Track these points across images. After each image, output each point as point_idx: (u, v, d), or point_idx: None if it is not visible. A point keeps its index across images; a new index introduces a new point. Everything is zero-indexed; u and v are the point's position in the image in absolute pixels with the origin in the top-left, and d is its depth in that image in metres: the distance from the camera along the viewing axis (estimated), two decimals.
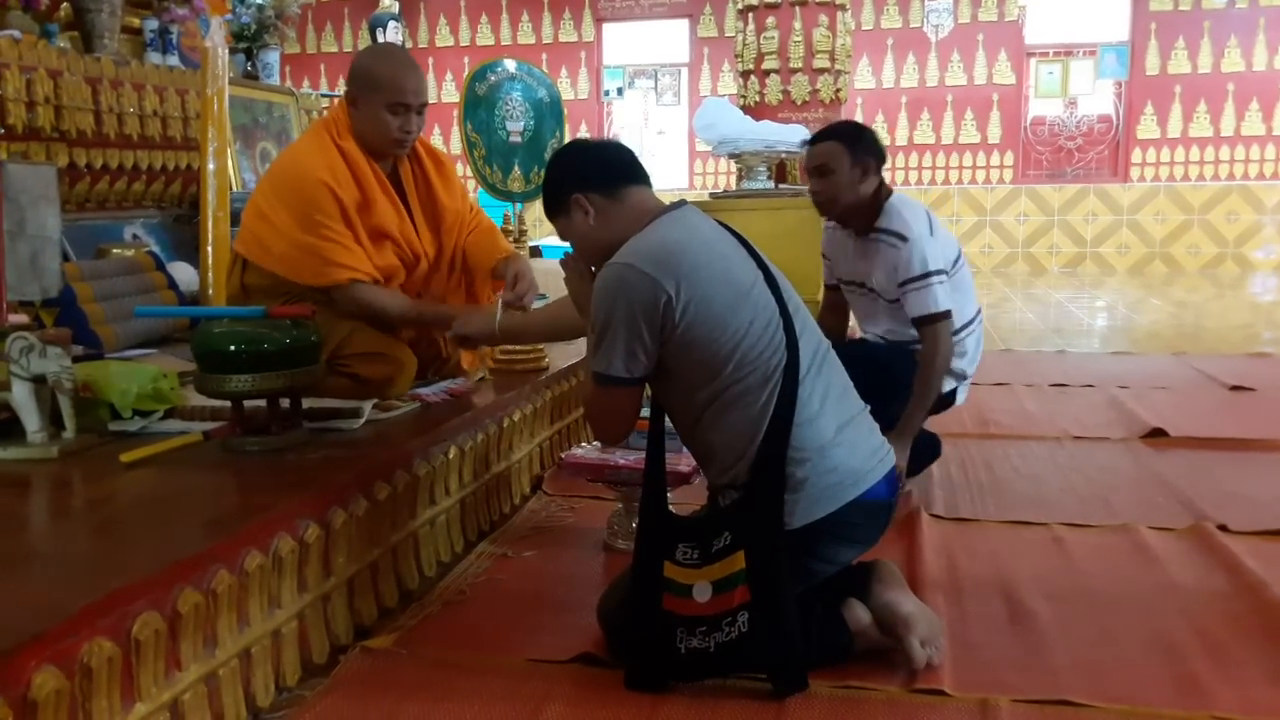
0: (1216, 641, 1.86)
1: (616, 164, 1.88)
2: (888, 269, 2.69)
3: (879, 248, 2.71)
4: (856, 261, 2.82)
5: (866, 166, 2.68)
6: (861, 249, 2.78)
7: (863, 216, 2.73)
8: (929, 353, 2.64)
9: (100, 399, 2.20)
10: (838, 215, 2.78)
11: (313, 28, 11.60)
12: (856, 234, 2.79)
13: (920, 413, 2.65)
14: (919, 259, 2.62)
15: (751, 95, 5.47)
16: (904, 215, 2.68)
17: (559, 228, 1.91)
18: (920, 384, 2.64)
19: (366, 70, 2.45)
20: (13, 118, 3.36)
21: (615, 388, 1.75)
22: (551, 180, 1.90)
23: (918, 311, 2.65)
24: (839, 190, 2.69)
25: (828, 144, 2.71)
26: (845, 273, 2.89)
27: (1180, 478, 2.94)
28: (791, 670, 1.66)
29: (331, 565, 1.82)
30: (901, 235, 2.66)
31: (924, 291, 2.63)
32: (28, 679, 1.18)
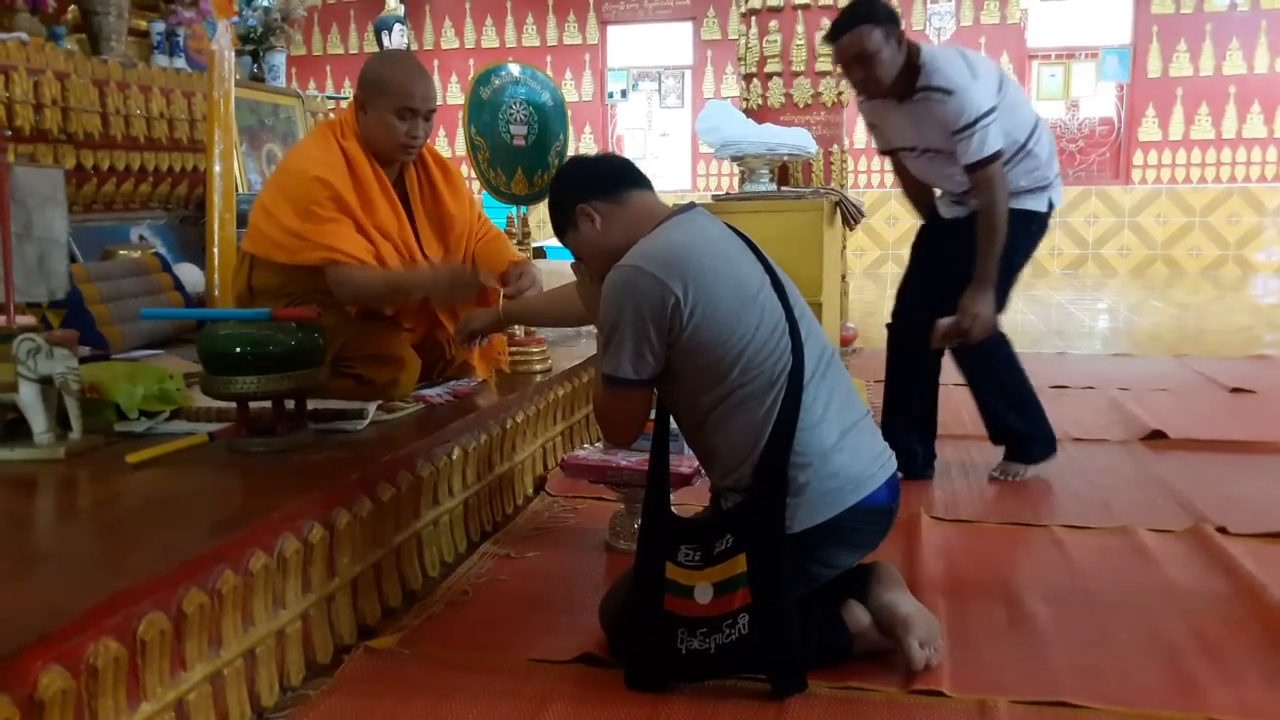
0: (1215, 644, 1.87)
1: (616, 170, 1.90)
2: (938, 124, 2.69)
3: (926, 106, 2.70)
4: (905, 127, 2.82)
5: (895, 34, 2.66)
6: (908, 112, 2.76)
7: (901, 82, 2.71)
8: (986, 198, 2.68)
9: (106, 400, 2.22)
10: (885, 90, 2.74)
11: (318, 30, 11.63)
12: (899, 100, 2.76)
13: (990, 259, 2.69)
14: (967, 108, 2.62)
15: (754, 98, 5.48)
16: (942, 69, 2.66)
17: (570, 244, 1.92)
18: (984, 229, 2.67)
19: (376, 75, 2.47)
20: (20, 120, 3.39)
21: (624, 389, 1.76)
22: (556, 197, 1.92)
23: (970, 159, 2.66)
24: (882, 69, 2.66)
25: (855, 30, 2.64)
26: (897, 140, 2.90)
27: (1180, 480, 2.95)
28: (791, 671, 1.67)
29: (336, 565, 1.84)
30: (945, 89, 2.64)
31: (974, 138, 2.63)
32: (34, 679, 1.19)
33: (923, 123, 2.74)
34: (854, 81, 2.76)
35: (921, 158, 2.86)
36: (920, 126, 2.76)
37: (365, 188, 2.45)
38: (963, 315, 2.73)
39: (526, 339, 3.07)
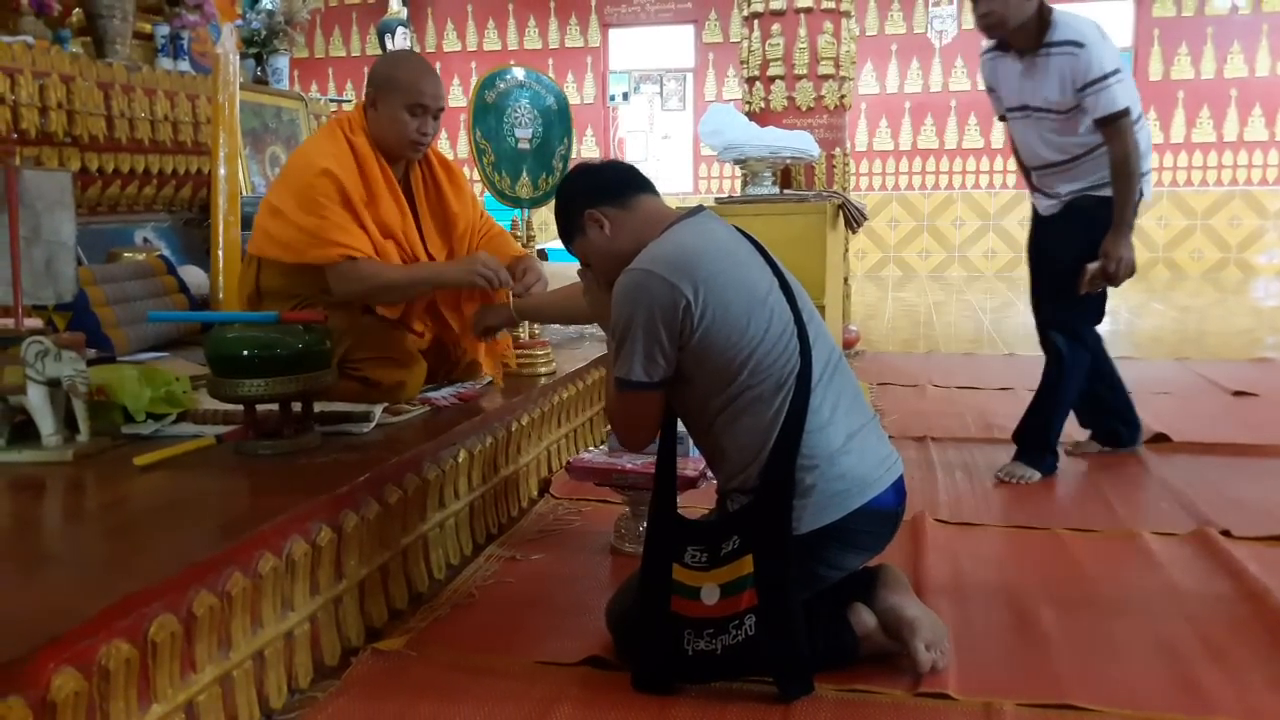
0: (1219, 647, 1.88)
1: (622, 176, 1.90)
2: (1062, 79, 2.81)
3: (1050, 61, 2.82)
4: (1023, 82, 2.92)
5: None
6: (1030, 67, 2.89)
7: (1028, 34, 2.84)
8: (1118, 150, 2.80)
9: (114, 402, 2.23)
10: (1007, 34, 2.87)
11: (321, 33, 11.65)
12: (1023, 54, 2.89)
13: (1127, 205, 2.82)
14: (1097, 62, 2.75)
15: (756, 101, 5.49)
16: (1075, 25, 2.80)
17: (578, 250, 1.93)
18: (1118, 177, 2.81)
19: (387, 73, 2.49)
20: (26, 122, 3.40)
21: (636, 392, 1.76)
22: (563, 205, 1.93)
23: (1101, 112, 2.78)
24: (1008, 9, 2.79)
25: None
26: (1010, 98, 3.01)
27: (1183, 483, 2.95)
28: (797, 674, 1.68)
29: (343, 568, 1.85)
30: (1077, 42, 2.77)
31: (1105, 92, 2.76)
32: (47, 680, 1.20)
33: (1043, 79, 2.86)
34: (979, 16, 2.87)
35: (1028, 119, 2.97)
36: (1040, 83, 2.87)
37: (372, 183, 2.46)
38: (1106, 260, 2.85)
39: (532, 342, 3.07)
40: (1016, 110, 3.00)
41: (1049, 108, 2.89)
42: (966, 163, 10.60)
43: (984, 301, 8.27)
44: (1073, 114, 2.85)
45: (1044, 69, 2.84)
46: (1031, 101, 2.93)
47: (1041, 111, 2.91)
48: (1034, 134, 2.98)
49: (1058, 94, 2.84)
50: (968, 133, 10.55)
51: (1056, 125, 2.90)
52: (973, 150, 10.57)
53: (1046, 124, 2.92)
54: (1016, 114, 3.01)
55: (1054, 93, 2.85)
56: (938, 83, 10.54)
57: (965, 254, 10.75)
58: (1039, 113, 2.92)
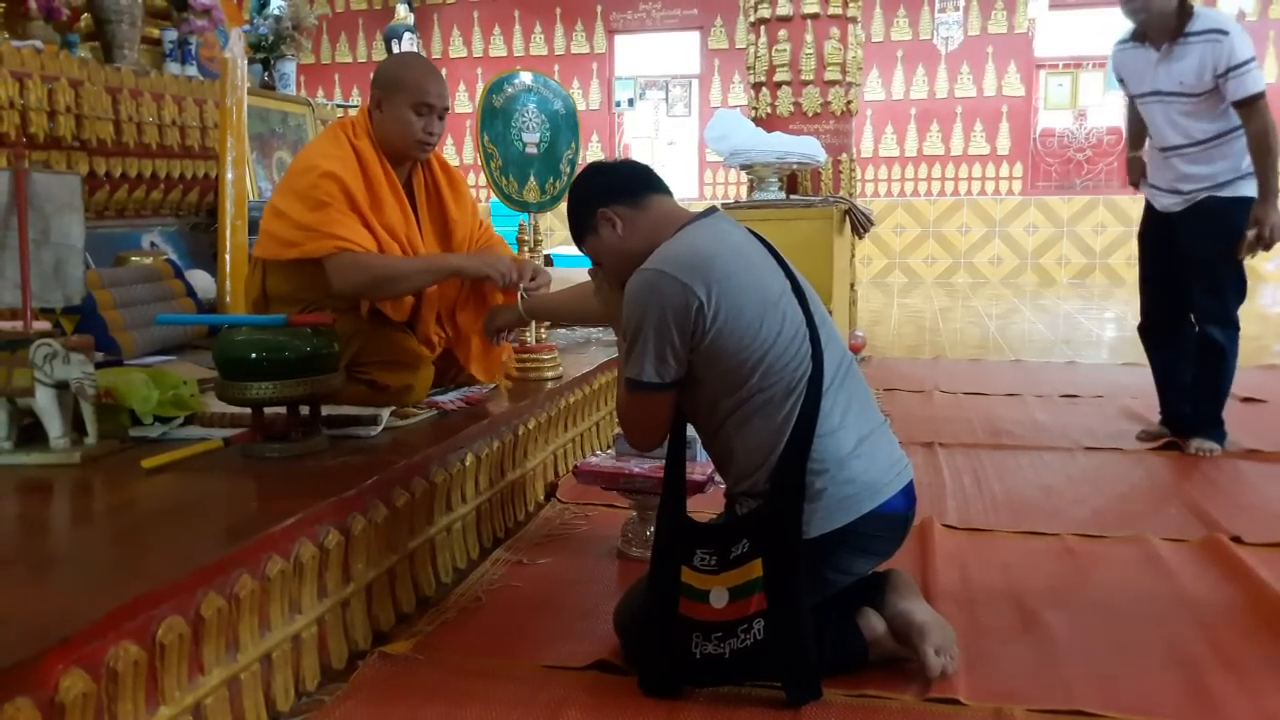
0: (1230, 653, 1.87)
1: (636, 175, 1.90)
2: (1203, 65, 3.09)
3: (1190, 49, 3.11)
4: (1157, 70, 3.21)
5: None
6: (1167, 54, 3.17)
7: (1168, 25, 3.14)
8: (1257, 127, 3.08)
9: (122, 405, 2.22)
10: (1149, 22, 3.16)
11: (328, 39, 11.68)
12: (1161, 44, 3.18)
13: (1271, 174, 3.08)
14: (1240, 49, 3.05)
15: (763, 107, 5.49)
16: (1216, 16, 3.17)
17: (589, 248, 1.92)
18: (1259, 152, 3.08)
19: (393, 74, 2.49)
20: (35, 127, 3.41)
21: (647, 393, 1.76)
22: (575, 202, 1.92)
23: (1240, 94, 3.06)
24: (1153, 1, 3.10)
25: None
26: (1140, 85, 3.29)
27: (1193, 489, 2.94)
28: (806, 679, 1.67)
29: (351, 571, 1.84)
30: (1222, 30, 3.07)
31: (1245, 76, 3.05)
32: (55, 682, 1.20)
33: (1181, 65, 3.14)
34: (1124, 4, 3.18)
35: (1159, 102, 3.24)
36: (1177, 69, 3.15)
37: (375, 186, 2.46)
38: (1260, 226, 3.10)
39: (538, 346, 3.07)
40: (1149, 95, 3.26)
41: (1183, 91, 3.15)
42: (972, 169, 10.59)
43: (990, 308, 8.26)
44: (1205, 98, 3.12)
45: (1183, 55, 3.12)
46: (1164, 87, 3.20)
47: (1173, 96, 3.18)
48: (1165, 118, 3.24)
49: (1194, 79, 3.11)
50: (973, 139, 10.54)
51: (1188, 109, 3.17)
52: (979, 157, 10.56)
53: (1177, 107, 3.19)
54: (1149, 98, 3.27)
55: (1191, 77, 3.11)
56: (943, 89, 10.54)
57: (971, 260, 10.74)
58: (1171, 97, 3.19)
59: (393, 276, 2.43)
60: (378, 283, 2.42)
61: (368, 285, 2.42)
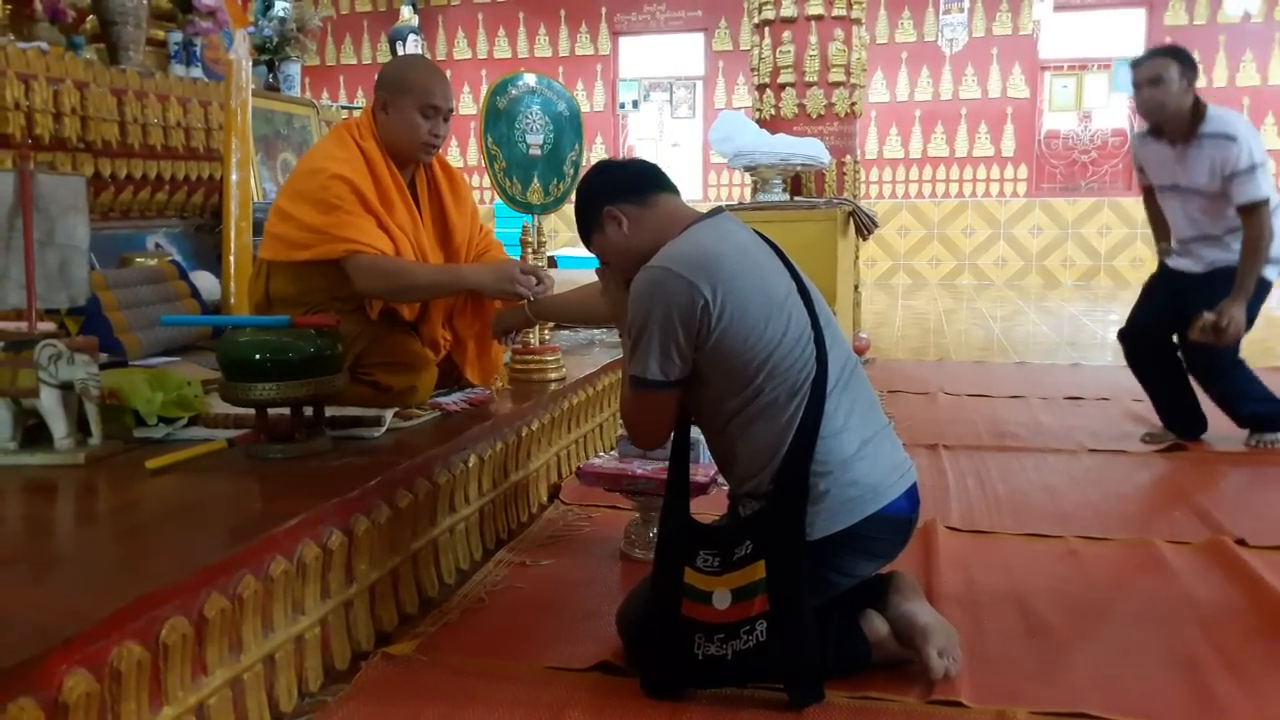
0: (1235, 657, 1.86)
1: (644, 174, 1.91)
2: (1213, 167, 3.18)
3: (1202, 151, 3.21)
4: (1174, 166, 3.32)
5: (1191, 80, 3.21)
6: (1181, 154, 3.28)
7: (1182, 124, 3.24)
8: (1253, 232, 3.15)
9: (126, 406, 2.23)
10: (1163, 120, 3.26)
11: (333, 41, 11.70)
12: (1175, 142, 3.28)
13: (1250, 278, 3.16)
14: (1246, 154, 3.13)
15: (767, 108, 5.49)
16: (1227, 118, 3.21)
17: (595, 246, 1.93)
18: (1247, 257, 3.16)
19: (399, 75, 2.50)
20: (40, 128, 3.42)
21: (651, 391, 1.76)
22: (582, 199, 1.92)
23: (1243, 199, 3.14)
24: (1168, 97, 3.20)
25: (1160, 59, 3.24)
26: (1160, 177, 3.41)
27: (1197, 492, 2.94)
28: (808, 681, 1.66)
29: (354, 572, 1.84)
30: (1230, 135, 3.15)
31: (1250, 181, 3.13)
32: (59, 682, 1.20)
33: (1194, 165, 3.24)
34: (1140, 101, 3.29)
35: (1177, 195, 3.36)
36: (1190, 168, 3.26)
37: (384, 188, 2.47)
38: (1220, 315, 3.14)
39: (542, 348, 3.07)
40: (1167, 188, 3.39)
41: (1198, 189, 3.25)
42: (977, 171, 10.58)
43: (994, 310, 8.25)
44: (1219, 196, 3.21)
45: (1196, 156, 3.22)
46: (1182, 182, 3.30)
47: (1192, 192, 3.28)
48: (1182, 210, 3.36)
49: (1206, 179, 3.21)
50: (978, 141, 10.53)
51: (1204, 205, 3.27)
52: (983, 158, 10.55)
53: (1195, 202, 3.30)
54: (1167, 191, 3.39)
55: (1203, 178, 3.21)
56: (948, 91, 10.54)
57: (975, 262, 10.74)
58: (1189, 192, 3.30)
59: (409, 286, 2.45)
60: (395, 290, 2.45)
61: (386, 291, 2.45)
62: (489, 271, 2.52)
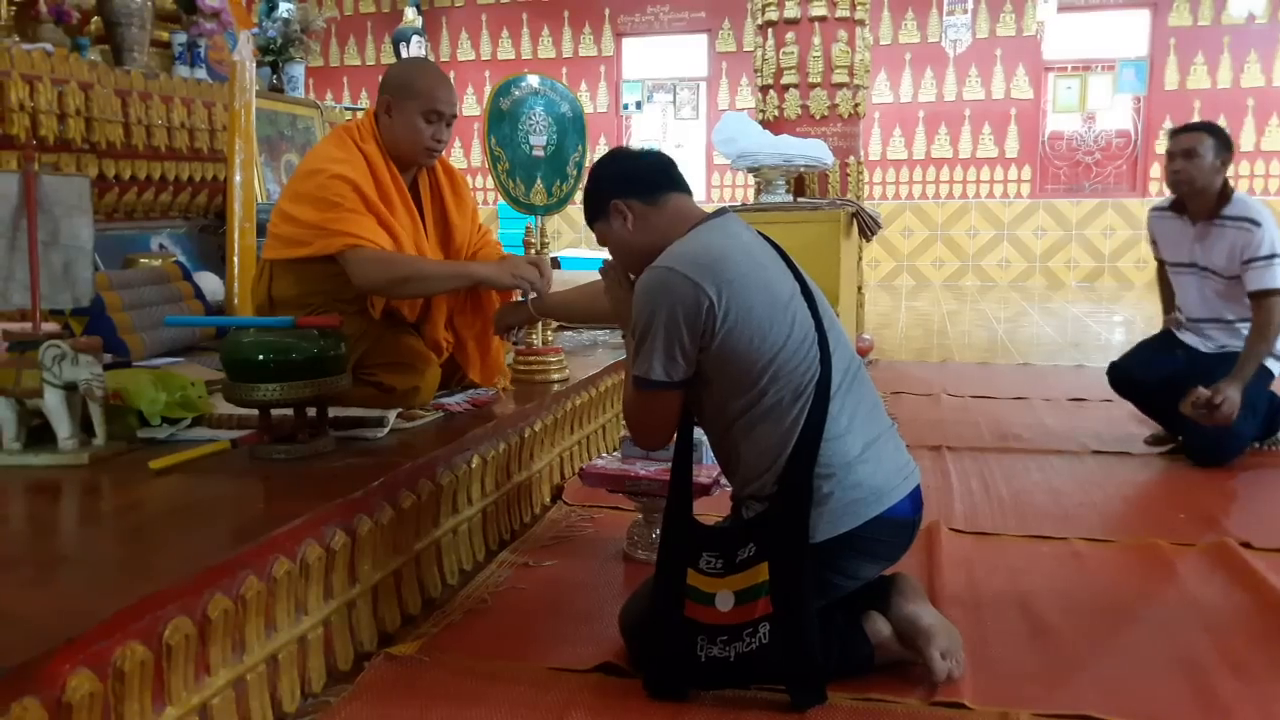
0: (1238, 658, 1.86)
1: (657, 171, 1.90)
2: (1233, 250, 3.18)
3: (1224, 232, 3.20)
4: (1193, 245, 3.31)
5: (1225, 160, 3.21)
6: (1202, 233, 3.27)
7: (1207, 203, 3.23)
8: (1262, 321, 3.15)
9: (129, 407, 2.23)
10: (1189, 195, 3.25)
11: (336, 42, 11.72)
12: (1196, 220, 3.27)
13: (1251, 364, 3.13)
14: (1268, 242, 3.13)
15: (770, 110, 5.49)
16: (1253, 205, 3.21)
17: (598, 232, 1.93)
18: (1253, 344, 3.15)
19: (404, 79, 2.49)
20: (45, 129, 3.43)
21: (654, 392, 1.76)
22: (593, 185, 1.92)
23: (1258, 286, 3.14)
24: (1199, 173, 3.19)
25: (1198, 133, 3.23)
26: (1175, 255, 3.41)
27: (1201, 494, 2.93)
28: (811, 683, 1.66)
29: (357, 572, 1.85)
30: (1255, 221, 3.15)
31: (1266, 270, 3.13)
32: (62, 682, 1.20)
33: (1212, 245, 3.25)
34: (1170, 172, 3.27)
35: (1193, 275, 3.35)
36: (1207, 247, 3.26)
37: (385, 190, 2.47)
38: (1216, 393, 3.09)
39: (544, 349, 3.08)
40: (1184, 265, 3.37)
41: (1218, 271, 3.24)
42: (981, 172, 10.58)
43: (998, 311, 8.24)
44: (1237, 281, 3.20)
45: (1218, 237, 3.22)
46: (1200, 261, 3.30)
47: (1210, 273, 3.27)
48: (1198, 290, 3.35)
49: (1225, 261, 3.21)
50: (982, 142, 10.53)
51: (1222, 288, 3.26)
52: (987, 160, 10.55)
53: (1212, 284, 3.29)
54: (1183, 269, 3.38)
55: (1223, 260, 3.21)
56: (951, 92, 10.53)
57: (979, 263, 10.73)
58: (1207, 273, 3.28)
59: (415, 276, 2.42)
60: (399, 281, 2.40)
61: (388, 282, 2.40)
62: (495, 264, 2.55)
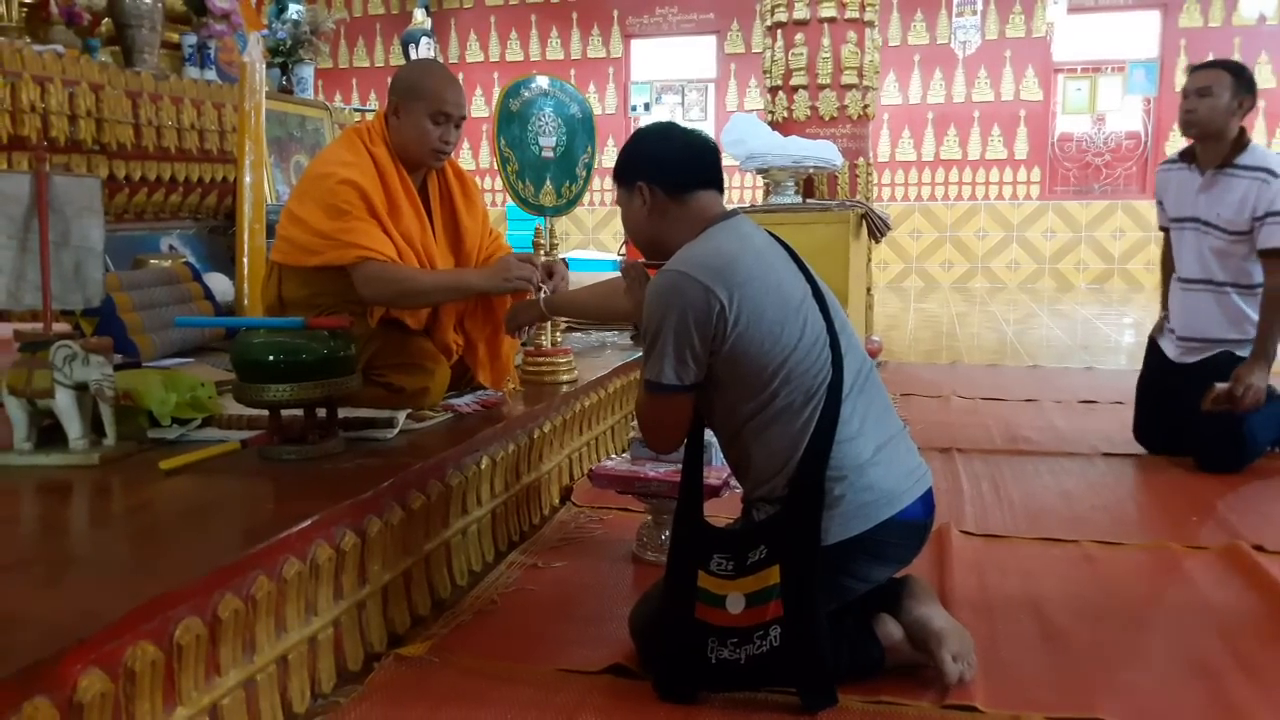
0: (1254, 663, 1.84)
1: (695, 165, 1.88)
2: (1242, 202, 2.95)
3: (1235, 182, 2.97)
4: (1197, 196, 3.08)
5: (1243, 101, 2.99)
6: (1209, 183, 3.04)
7: (1220, 150, 3.01)
8: (1274, 283, 2.92)
9: (140, 407, 2.24)
10: (1201, 138, 3.04)
11: (345, 43, 11.74)
12: (1206, 168, 3.05)
13: (1270, 338, 2.94)
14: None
15: (779, 111, 5.49)
16: (1272, 157, 2.97)
17: (619, 196, 1.93)
18: (1269, 310, 2.93)
19: (412, 81, 2.49)
20: (56, 130, 3.44)
21: (667, 395, 1.75)
22: (629, 153, 1.91)
23: (1270, 243, 2.91)
24: (1214, 114, 2.97)
25: (1216, 70, 3.01)
26: (1178, 208, 3.16)
27: (1214, 496, 2.91)
28: (822, 685, 1.66)
29: (367, 573, 1.84)
30: (1271, 170, 2.92)
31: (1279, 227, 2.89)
32: (74, 682, 1.20)
33: (1220, 195, 3.02)
34: (1183, 111, 3.05)
35: (1189, 228, 3.11)
36: (1218, 199, 3.02)
37: (393, 193, 2.47)
38: (1236, 384, 2.94)
39: (553, 350, 3.07)
40: (1186, 220, 3.12)
41: (1221, 225, 3.02)
42: (990, 174, 10.55)
43: (1007, 313, 8.22)
44: (1238, 239, 2.99)
45: (1227, 187, 2.99)
46: (1204, 215, 3.06)
47: (1211, 227, 3.04)
48: (1194, 247, 3.11)
49: (1233, 213, 2.97)
50: (991, 143, 10.50)
51: (1222, 245, 3.03)
52: (996, 161, 10.52)
53: (1211, 239, 3.05)
54: (1185, 224, 3.13)
55: (1230, 211, 2.98)
56: (960, 93, 10.51)
57: (988, 265, 10.70)
58: (1208, 228, 3.05)
59: (415, 291, 2.45)
60: (402, 295, 2.44)
61: (392, 297, 2.44)
62: (488, 271, 2.53)
